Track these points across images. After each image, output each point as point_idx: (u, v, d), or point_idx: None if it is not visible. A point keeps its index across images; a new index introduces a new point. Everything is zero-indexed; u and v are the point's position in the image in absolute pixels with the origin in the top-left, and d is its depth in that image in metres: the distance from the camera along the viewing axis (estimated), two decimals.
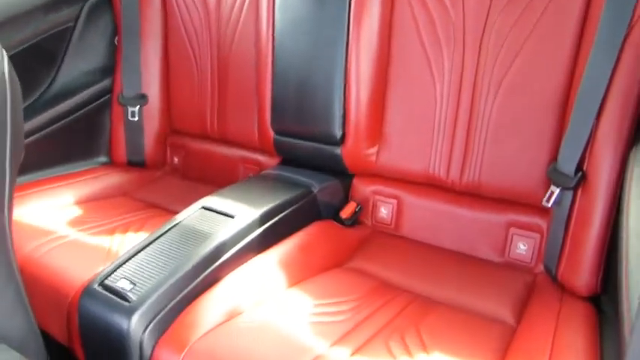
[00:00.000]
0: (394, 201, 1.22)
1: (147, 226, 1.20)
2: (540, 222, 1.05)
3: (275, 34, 1.27)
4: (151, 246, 0.99)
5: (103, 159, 1.60)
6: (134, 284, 0.90)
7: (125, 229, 1.19)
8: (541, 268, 1.05)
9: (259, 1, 1.31)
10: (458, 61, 1.09)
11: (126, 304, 0.87)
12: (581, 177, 0.92)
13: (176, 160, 1.60)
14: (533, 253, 1.06)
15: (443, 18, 1.09)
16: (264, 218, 1.06)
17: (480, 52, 1.06)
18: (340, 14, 1.17)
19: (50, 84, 1.50)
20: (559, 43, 0.98)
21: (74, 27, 1.50)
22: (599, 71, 0.89)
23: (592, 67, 0.90)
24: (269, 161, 1.41)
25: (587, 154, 0.92)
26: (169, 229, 1.03)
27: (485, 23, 1.05)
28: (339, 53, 1.18)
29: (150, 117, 1.55)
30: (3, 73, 0.73)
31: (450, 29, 1.08)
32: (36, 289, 1.00)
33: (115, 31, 1.55)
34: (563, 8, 0.97)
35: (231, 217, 1.04)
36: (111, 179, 1.48)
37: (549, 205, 0.97)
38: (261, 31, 1.31)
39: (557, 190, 0.96)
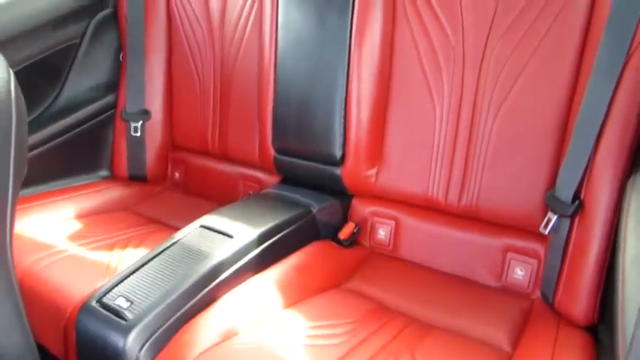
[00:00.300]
0: (392, 222, 1.22)
1: (146, 242, 1.21)
2: (538, 248, 1.05)
3: (277, 53, 1.28)
4: (149, 264, 1.00)
5: (104, 173, 1.61)
6: (131, 302, 0.91)
7: (125, 244, 1.20)
8: (538, 294, 1.04)
9: (262, 20, 1.33)
10: (457, 85, 1.10)
11: (122, 322, 0.87)
12: (578, 205, 0.92)
13: (177, 175, 1.61)
14: (530, 278, 1.06)
15: (443, 43, 1.10)
16: (262, 238, 1.06)
17: (479, 77, 1.07)
18: (342, 35, 1.18)
19: (55, 99, 1.52)
20: (558, 68, 0.99)
21: (80, 43, 1.52)
22: (598, 98, 0.89)
23: (591, 93, 0.90)
24: (269, 179, 1.42)
25: (585, 182, 0.92)
26: (168, 247, 1.04)
27: (485, 48, 1.06)
28: (341, 74, 1.19)
29: (152, 132, 1.56)
30: (9, 91, 0.74)
31: (449, 53, 1.10)
32: (34, 303, 1.00)
33: (120, 48, 1.57)
34: (562, 34, 0.98)
35: (230, 236, 1.05)
36: (112, 193, 1.49)
37: (546, 232, 0.98)
38: (264, 50, 1.33)
39: (554, 217, 0.96)
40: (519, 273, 1.07)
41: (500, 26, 1.03)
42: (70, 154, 1.52)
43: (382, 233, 1.23)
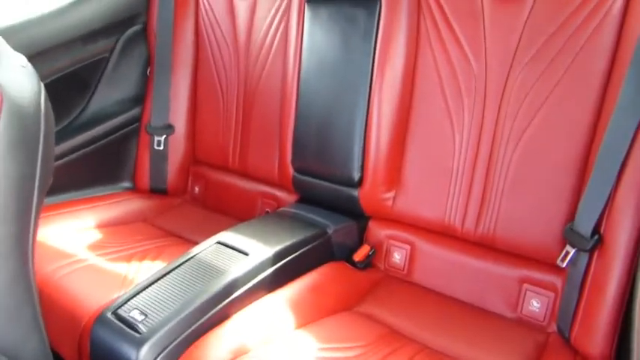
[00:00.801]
0: (408, 247, 1.22)
1: (163, 255, 1.22)
2: (555, 280, 1.03)
3: (300, 74, 1.30)
4: (165, 278, 1.01)
5: (127, 184, 1.64)
6: (146, 315, 0.92)
7: (142, 256, 1.21)
8: (554, 327, 1.02)
9: (288, 41, 1.35)
10: (478, 114, 1.10)
11: (136, 335, 0.89)
12: (597, 240, 0.90)
13: (197, 189, 1.63)
14: (546, 311, 1.04)
15: (465, 71, 1.11)
16: (277, 257, 1.07)
17: (500, 107, 1.07)
18: (365, 60, 1.19)
19: (82, 110, 1.56)
20: (581, 101, 0.98)
21: (109, 58, 1.57)
22: (621, 132, 0.88)
23: (614, 127, 0.89)
24: (287, 198, 1.43)
25: (605, 217, 0.91)
26: (184, 262, 1.05)
27: (507, 78, 1.06)
28: (362, 98, 1.20)
29: (175, 146, 1.59)
30: (39, 104, 0.77)
31: (471, 81, 1.10)
32: (52, 311, 1.02)
33: (148, 63, 1.61)
34: (586, 66, 0.97)
35: (246, 254, 1.06)
36: (132, 205, 1.52)
37: (564, 265, 0.96)
38: (288, 70, 1.35)
39: (572, 251, 0.95)
40: (535, 305, 1.05)
41: (524, 57, 1.03)
42: (95, 165, 1.56)
43: (397, 257, 1.23)
